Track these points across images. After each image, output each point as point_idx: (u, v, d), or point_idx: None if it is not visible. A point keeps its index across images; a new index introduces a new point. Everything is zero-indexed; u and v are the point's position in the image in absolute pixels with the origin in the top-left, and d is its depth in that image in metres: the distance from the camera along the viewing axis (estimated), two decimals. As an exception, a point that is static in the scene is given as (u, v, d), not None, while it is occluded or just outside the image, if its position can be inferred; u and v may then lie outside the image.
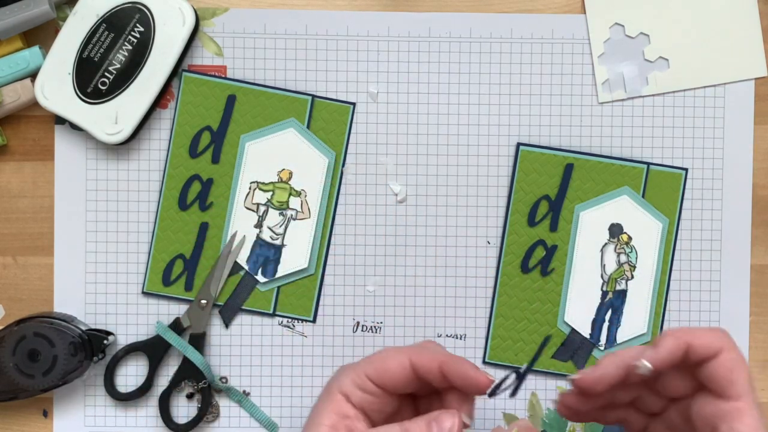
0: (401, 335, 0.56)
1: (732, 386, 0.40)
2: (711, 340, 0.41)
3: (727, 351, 0.41)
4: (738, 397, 0.40)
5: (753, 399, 0.40)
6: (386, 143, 0.56)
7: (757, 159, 0.57)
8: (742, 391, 0.40)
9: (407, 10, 0.56)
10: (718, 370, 0.40)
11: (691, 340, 0.41)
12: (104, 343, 0.53)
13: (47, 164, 0.56)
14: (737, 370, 0.40)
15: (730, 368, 0.40)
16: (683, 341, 0.41)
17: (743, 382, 0.40)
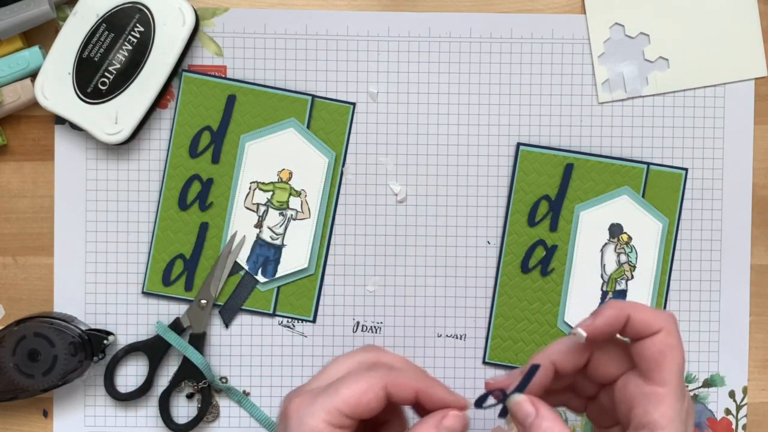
0: (401, 335, 0.56)
1: (659, 370, 0.39)
2: (652, 318, 0.40)
3: (665, 334, 0.39)
4: (662, 382, 0.39)
5: (678, 388, 0.39)
6: (386, 143, 0.56)
7: (757, 159, 0.57)
8: (668, 378, 0.39)
9: (407, 10, 0.56)
10: (649, 349, 0.39)
11: (633, 314, 0.40)
12: (104, 342, 0.53)
13: (47, 164, 0.56)
14: (669, 356, 0.39)
15: (662, 351, 0.39)
16: (624, 313, 0.40)
17: (672, 369, 0.39)
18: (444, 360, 0.56)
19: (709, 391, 0.57)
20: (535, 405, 0.40)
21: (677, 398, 0.39)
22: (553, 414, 0.40)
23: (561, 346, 0.42)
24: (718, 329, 0.57)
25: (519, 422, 0.40)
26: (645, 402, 0.39)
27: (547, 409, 0.40)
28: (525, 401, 0.40)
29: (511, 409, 0.40)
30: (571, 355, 0.41)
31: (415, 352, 0.56)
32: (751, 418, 0.57)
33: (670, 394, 0.39)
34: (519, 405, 0.40)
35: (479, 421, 0.56)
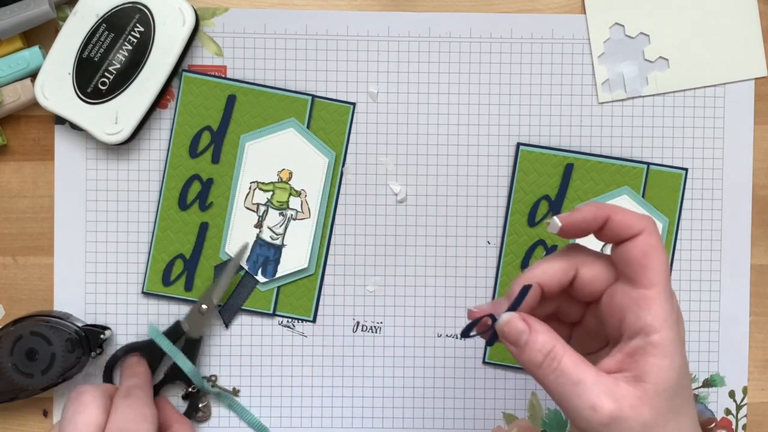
0: (401, 335, 0.56)
1: (645, 272, 0.38)
2: (632, 219, 0.39)
3: (647, 234, 0.38)
4: (650, 284, 0.38)
5: (666, 289, 0.38)
6: (386, 143, 0.56)
7: (757, 159, 0.57)
8: (655, 278, 0.38)
9: (407, 10, 0.56)
10: (632, 251, 0.38)
11: (612, 215, 0.39)
12: (101, 338, 0.53)
13: (47, 164, 0.56)
14: (653, 256, 0.38)
15: (646, 252, 0.38)
16: (603, 213, 0.39)
17: (657, 270, 0.38)
18: (444, 360, 0.56)
19: (709, 391, 0.57)
20: (528, 321, 0.39)
21: (666, 299, 0.38)
22: (547, 328, 0.39)
23: (545, 266, 0.40)
24: (718, 329, 0.57)
25: (512, 342, 0.39)
26: (635, 308, 0.38)
27: (540, 323, 0.39)
28: (516, 318, 0.39)
29: (502, 331, 0.39)
30: (557, 273, 0.40)
31: (415, 352, 0.56)
32: (751, 418, 0.57)
33: (660, 296, 0.38)
34: (510, 324, 0.39)
35: (479, 421, 0.56)
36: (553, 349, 0.38)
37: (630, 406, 0.36)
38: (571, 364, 0.37)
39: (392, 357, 0.56)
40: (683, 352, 0.38)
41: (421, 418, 0.56)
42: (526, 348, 0.38)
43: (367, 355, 0.56)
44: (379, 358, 0.56)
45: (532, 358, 0.38)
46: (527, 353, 0.38)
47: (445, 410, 0.56)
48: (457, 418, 0.56)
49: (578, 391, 0.37)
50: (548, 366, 0.38)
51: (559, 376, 0.37)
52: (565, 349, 0.38)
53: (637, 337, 0.38)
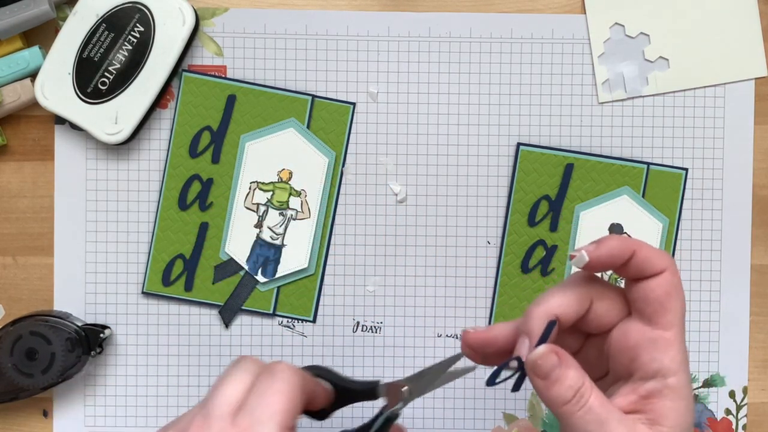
0: (401, 335, 0.56)
1: (665, 313, 0.37)
2: (656, 256, 0.38)
3: (669, 274, 0.37)
4: (669, 326, 0.37)
5: (682, 330, 0.38)
6: (386, 143, 0.56)
7: (757, 159, 0.57)
8: (675, 320, 0.37)
9: (407, 10, 0.56)
10: (655, 291, 0.37)
11: (638, 250, 0.38)
12: (101, 337, 0.53)
13: (47, 164, 0.56)
14: (674, 298, 0.37)
15: (668, 293, 0.37)
16: (628, 248, 0.38)
17: (677, 311, 0.37)
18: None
19: (709, 391, 0.57)
20: (559, 354, 0.37)
21: (682, 341, 0.37)
22: (576, 363, 0.37)
23: (561, 298, 0.39)
24: (718, 329, 0.57)
25: (542, 377, 0.37)
26: (651, 348, 0.37)
27: (570, 358, 0.38)
28: (551, 352, 0.37)
29: (535, 364, 0.37)
30: (573, 306, 0.39)
31: (415, 352, 0.56)
32: (751, 418, 0.57)
33: (677, 338, 0.37)
34: (545, 357, 0.37)
35: (479, 421, 0.56)
36: (583, 386, 0.37)
37: None
38: (597, 404, 0.36)
39: (392, 357, 0.56)
40: (692, 392, 0.38)
41: (421, 418, 0.56)
42: (556, 383, 0.37)
43: (367, 355, 0.56)
44: (379, 358, 0.56)
45: (561, 393, 0.37)
46: (556, 389, 0.37)
47: (445, 410, 0.56)
48: (457, 418, 0.56)
49: (602, 430, 0.36)
50: (576, 403, 0.37)
51: (586, 413, 0.36)
52: (592, 387, 0.37)
53: (653, 379, 0.37)
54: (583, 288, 0.39)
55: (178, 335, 0.56)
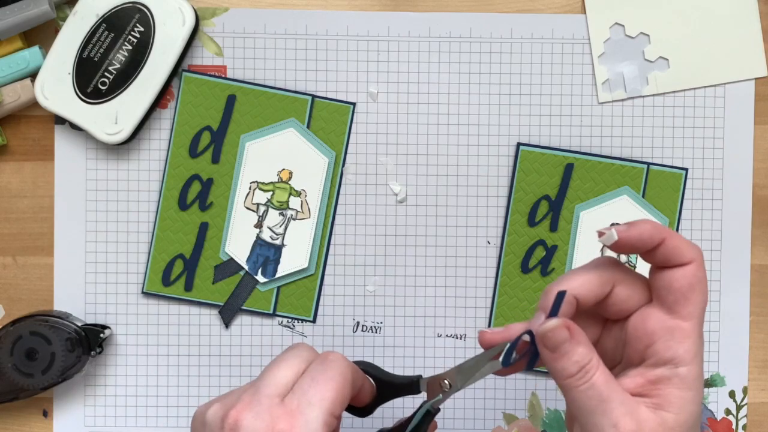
0: (401, 335, 0.56)
1: (686, 304, 0.37)
2: (685, 247, 0.38)
3: (696, 266, 0.38)
4: (689, 317, 0.37)
5: (701, 324, 0.38)
6: (386, 143, 0.56)
7: (757, 159, 0.57)
8: (695, 312, 0.37)
9: (407, 10, 0.56)
10: (679, 281, 0.37)
11: (668, 238, 0.37)
12: (101, 336, 0.53)
13: (47, 164, 0.56)
14: (698, 290, 0.37)
15: (692, 284, 0.37)
16: (659, 234, 0.37)
17: (699, 304, 0.37)
18: (444, 360, 0.56)
19: (709, 391, 0.57)
20: (571, 329, 0.37)
21: (700, 335, 0.38)
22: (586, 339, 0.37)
23: (582, 277, 0.39)
24: (718, 329, 0.57)
25: (551, 349, 0.37)
26: (668, 337, 0.37)
27: (581, 333, 0.37)
28: (561, 326, 0.37)
29: (544, 336, 0.37)
30: (594, 287, 0.39)
31: (415, 352, 0.56)
32: (751, 418, 0.57)
33: (695, 330, 0.37)
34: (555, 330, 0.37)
35: (479, 421, 0.56)
36: (589, 362, 0.37)
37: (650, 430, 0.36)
38: (602, 381, 0.37)
39: (392, 357, 0.56)
40: (703, 385, 0.38)
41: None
42: (564, 357, 0.37)
43: (367, 355, 0.56)
44: (379, 358, 0.56)
45: (566, 367, 0.37)
46: (563, 362, 0.37)
47: (445, 410, 0.56)
48: (457, 418, 0.56)
49: (604, 408, 0.36)
50: (581, 378, 0.37)
51: (588, 389, 0.37)
52: (599, 364, 0.37)
53: (665, 366, 0.37)
54: (606, 271, 0.39)
55: (178, 335, 0.56)
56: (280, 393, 0.39)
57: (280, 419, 0.37)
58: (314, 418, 0.38)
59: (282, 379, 0.39)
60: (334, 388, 0.39)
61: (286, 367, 0.40)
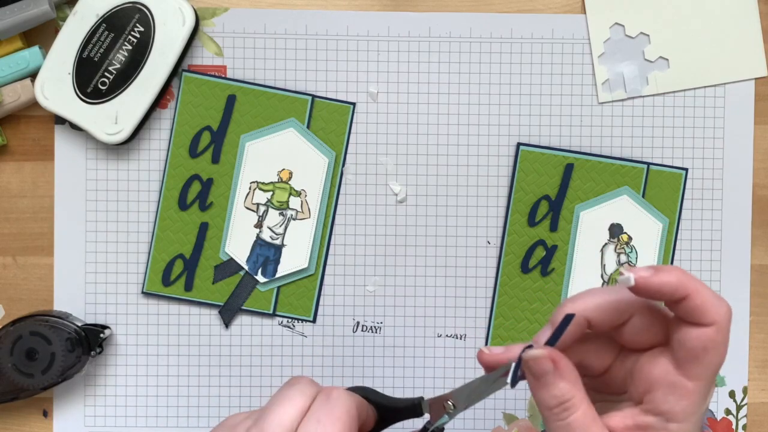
0: (401, 335, 0.56)
1: (696, 365, 0.35)
2: (711, 307, 0.35)
3: (715, 330, 0.35)
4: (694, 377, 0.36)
5: (708, 385, 0.36)
6: (386, 143, 0.56)
7: (757, 159, 0.57)
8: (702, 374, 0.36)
9: (407, 10, 0.56)
10: (693, 341, 0.35)
11: (694, 294, 0.35)
12: (101, 336, 0.53)
13: (47, 164, 0.56)
14: (712, 354, 0.35)
15: (706, 348, 0.35)
16: (685, 289, 0.35)
17: (709, 368, 0.35)
18: (444, 360, 0.56)
19: (709, 391, 0.57)
20: (557, 363, 0.36)
21: (703, 396, 0.36)
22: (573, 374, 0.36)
23: (599, 298, 0.37)
24: (719, 329, 0.57)
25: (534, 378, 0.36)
26: (668, 390, 0.36)
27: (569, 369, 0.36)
28: (545, 358, 0.36)
29: (527, 363, 0.37)
30: (611, 312, 0.37)
31: (415, 352, 0.56)
32: (751, 418, 0.57)
33: (698, 392, 0.36)
34: (538, 361, 0.36)
35: (479, 421, 0.56)
36: (570, 400, 0.36)
37: None
38: (581, 422, 0.36)
39: (392, 357, 0.56)
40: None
41: (422, 419, 0.56)
42: (545, 388, 0.36)
43: (367, 355, 0.56)
44: (379, 358, 0.56)
45: (545, 399, 0.36)
46: (543, 392, 0.36)
47: (445, 410, 0.56)
48: (457, 418, 0.56)
49: None
50: (557, 414, 0.36)
51: (564, 426, 0.36)
52: (581, 404, 0.36)
53: (657, 417, 0.36)
54: (628, 299, 0.37)
55: (178, 335, 0.56)
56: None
57: None
58: None
59: (286, 420, 0.38)
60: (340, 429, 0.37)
61: (290, 405, 0.38)
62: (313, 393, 0.39)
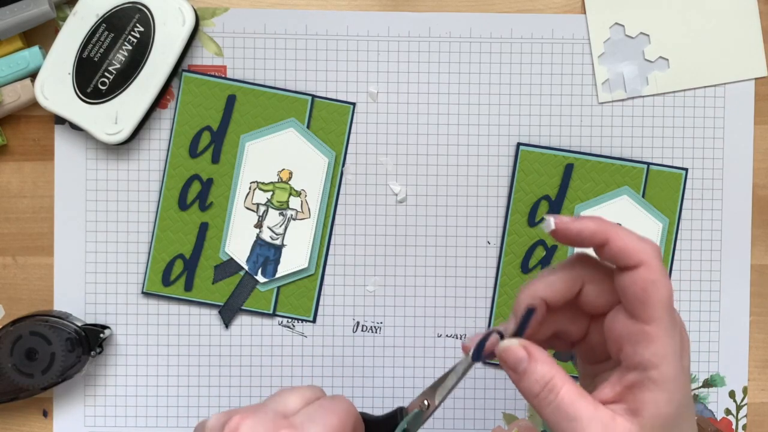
0: (401, 335, 0.56)
1: (644, 307, 0.36)
2: (631, 249, 0.36)
3: (645, 269, 0.36)
4: (649, 320, 0.36)
5: (667, 323, 0.36)
6: (386, 143, 0.56)
7: (757, 159, 0.57)
8: (655, 313, 0.36)
9: (407, 10, 0.56)
10: (631, 286, 0.36)
11: (613, 238, 0.37)
12: (101, 336, 0.53)
13: (47, 164, 0.56)
14: (652, 291, 0.36)
15: (644, 288, 0.36)
16: (603, 234, 0.37)
17: (658, 304, 0.36)
18: (444, 360, 0.56)
19: (709, 391, 0.57)
20: (528, 349, 0.37)
21: (668, 334, 0.36)
22: (548, 357, 0.37)
23: (549, 279, 0.39)
24: (718, 329, 0.57)
25: (511, 369, 0.38)
26: (633, 340, 0.36)
27: (541, 352, 0.38)
28: (516, 346, 0.38)
29: (501, 357, 0.38)
30: (561, 289, 0.39)
31: (415, 352, 0.56)
32: (751, 418, 0.57)
33: (660, 331, 0.36)
34: (509, 351, 0.38)
35: (479, 421, 0.56)
36: (552, 380, 0.37)
37: None
38: (568, 399, 0.36)
39: (392, 357, 0.56)
40: (685, 382, 0.37)
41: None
42: (524, 376, 0.37)
43: (367, 355, 0.56)
44: (379, 358, 0.56)
45: (529, 387, 0.37)
46: (525, 382, 0.37)
47: (445, 410, 0.56)
48: (457, 419, 0.56)
49: (573, 427, 0.36)
50: (545, 398, 0.37)
51: (555, 409, 0.36)
52: (564, 381, 0.37)
53: (635, 370, 0.37)
54: (575, 270, 0.39)
55: (178, 335, 0.56)
56: (287, 413, 0.39)
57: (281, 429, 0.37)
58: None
59: (291, 403, 0.40)
60: (340, 418, 0.39)
61: (296, 395, 0.40)
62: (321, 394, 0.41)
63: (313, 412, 0.39)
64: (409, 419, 0.42)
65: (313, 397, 0.41)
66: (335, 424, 0.39)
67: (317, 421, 0.38)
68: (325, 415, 0.39)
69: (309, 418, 0.39)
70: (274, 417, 0.38)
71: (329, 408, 0.39)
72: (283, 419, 0.38)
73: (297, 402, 0.40)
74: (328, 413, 0.39)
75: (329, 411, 0.39)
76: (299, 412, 0.39)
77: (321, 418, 0.38)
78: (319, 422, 0.38)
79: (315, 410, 0.39)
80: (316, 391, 0.42)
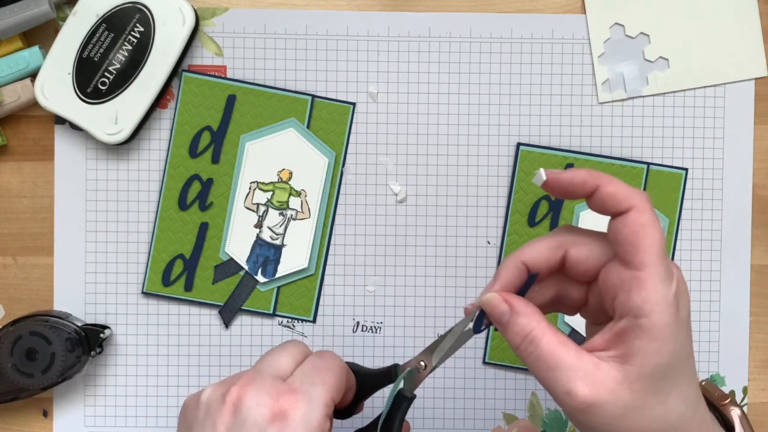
0: (401, 335, 0.56)
1: (635, 252, 0.36)
2: (622, 195, 0.37)
3: (636, 212, 0.37)
4: (641, 265, 0.36)
5: (659, 269, 0.36)
6: (386, 143, 0.56)
7: (757, 159, 0.57)
8: (647, 259, 0.36)
9: (407, 10, 0.56)
10: (622, 231, 0.37)
11: (603, 185, 0.37)
12: (101, 336, 0.53)
13: (47, 164, 0.56)
14: (643, 236, 0.36)
15: (635, 231, 0.36)
16: (594, 181, 0.38)
17: (649, 250, 0.36)
18: (444, 360, 0.56)
19: (709, 391, 0.57)
20: (510, 302, 0.38)
21: (661, 280, 0.36)
22: (530, 309, 0.38)
23: (533, 245, 0.40)
24: (718, 329, 0.57)
25: (496, 322, 0.39)
26: (626, 288, 0.36)
27: (525, 305, 0.38)
28: (496, 299, 0.39)
29: (484, 308, 0.39)
30: (544, 253, 0.39)
31: (415, 352, 0.56)
32: (751, 418, 0.57)
33: (651, 277, 0.36)
34: (490, 303, 0.39)
35: (479, 421, 0.56)
36: (531, 332, 0.37)
37: (608, 390, 0.36)
38: (548, 349, 0.37)
39: (392, 357, 0.56)
40: (681, 333, 0.37)
41: (421, 419, 0.56)
42: (507, 328, 0.38)
43: (367, 355, 0.56)
44: (379, 358, 0.56)
45: (511, 339, 0.38)
46: (507, 334, 0.38)
47: (445, 410, 0.56)
48: (457, 418, 0.56)
49: (554, 377, 0.36)
50: (525, 349, 0.37)
51: (535, 360, 0.37)
52: (545, 332, 0.37)
53: (626, 318, 0.36)
54: (558, 237, 0.40)
55: (178, 335, 0.56)
56: (282, 375, 0.41)
57: (283, 395, 0.39)
58: (317, 396, 0.40)
59: (283, 365, 0.42)
60: (334, 375, 0.40)
61: (286, 355, 0.42)
62: (307, 352, 0.43)
63: (308, 373, 0.41)
64: (403, 377, 0.43)
65: (301, 355, 0.42)
66: (333, 382, 0.40)
67: (315, 382, 0.40)
68: (321, 375, 0.40)
69: (307, 380, 0.40)
70: (272, 382, 0.40)
71: (322, 366, 0.41)
72: (282, 384, 0.40)
73: (289, 362, 0.41)
74: (323, 372, 0.41)
75: (324, 369, 0.41)
76: (294, 374, 0.41)
77: (318, 378, 0.40)
78: (317, 383, 0.40)
79: (310, 370, 0.41)
80: (302, 348, 0.43)
